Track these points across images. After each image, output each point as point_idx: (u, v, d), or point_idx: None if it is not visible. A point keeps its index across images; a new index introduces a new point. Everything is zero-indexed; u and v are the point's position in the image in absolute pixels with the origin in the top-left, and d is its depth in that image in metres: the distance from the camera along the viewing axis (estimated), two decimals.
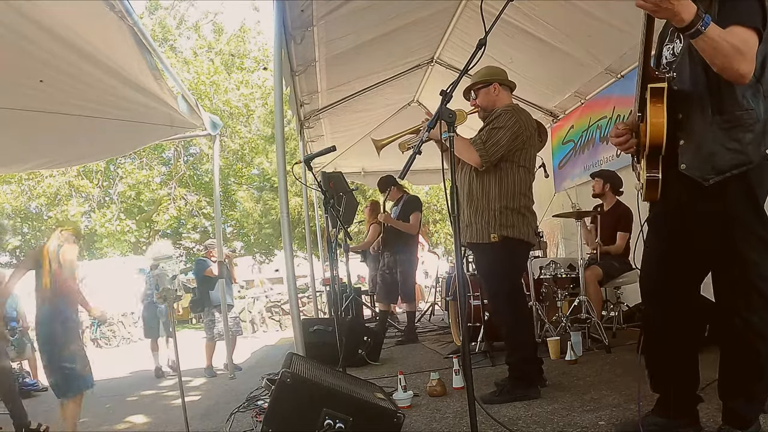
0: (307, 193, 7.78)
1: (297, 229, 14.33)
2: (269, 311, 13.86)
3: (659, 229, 2.13)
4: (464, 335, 2.17)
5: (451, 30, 5.54)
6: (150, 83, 3.82)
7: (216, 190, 5.91)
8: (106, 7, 3.02)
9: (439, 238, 19.02)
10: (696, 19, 1.68)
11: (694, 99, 1.91)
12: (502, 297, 3.23)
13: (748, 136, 1.84)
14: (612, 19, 4.54)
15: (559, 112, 6.99)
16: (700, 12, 1.69)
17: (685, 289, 2.07)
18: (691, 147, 1.90)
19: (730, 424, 1.95)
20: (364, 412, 2.38)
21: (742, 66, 1.73)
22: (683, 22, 1.70)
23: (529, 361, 3.16)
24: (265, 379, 3.74)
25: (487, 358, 4.23)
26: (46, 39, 3.08)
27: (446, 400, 3.28)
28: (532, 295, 4.65)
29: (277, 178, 4.11)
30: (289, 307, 6.62)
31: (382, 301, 6.64)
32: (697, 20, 1.68)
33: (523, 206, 3.18)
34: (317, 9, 4.14)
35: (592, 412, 2.67)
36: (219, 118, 5.44)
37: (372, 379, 3.64)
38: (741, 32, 1.74)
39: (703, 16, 1.69)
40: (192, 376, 6.29)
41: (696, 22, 1.68)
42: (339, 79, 5.86)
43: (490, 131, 3.13)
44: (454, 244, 2.19)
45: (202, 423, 3.69)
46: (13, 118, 3.91)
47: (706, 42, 1.72)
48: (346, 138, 7.56)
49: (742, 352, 1.92)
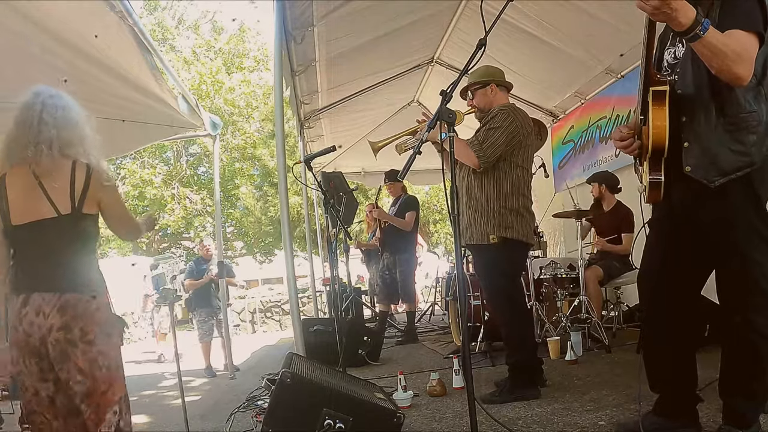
0: (307, 193, 7.79)
1: (297, 229, 14.32)
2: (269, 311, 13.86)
3: (661, 230, 2.14)
4: (464, 335, 2.18)
5: (451, 30, 5.54)
6: (150, 83, 3.83)
7: (216, 190, 5.92)
8: (106, 7, 3.03)
9: (438, 238, 19.02)
10: (694, 24, 1.68)
11: (697, 102, 1.91)
12: (502, 297, 3.23)
13: (752, 137, 1.85)
14: (612, 19, 4.54)
15: (559, 112, 6.99)
16: (699, 17, 1.69)
17: (686, 289, 2.08)
18: (696, 149, 1.91)
19: (731, 424, 1.95)
20: (364, 412, 2.38)
21: (740, 69, 1.74)
22: (682, 27, 1.70)
23: (529, 361, 3.15)
24: (265, 379, 3.74)
25: (487, 358, 4.23)
26: (47, 39, 3.09)
27: (446, 400, 3.28)
28: (532, 295, 4.65)
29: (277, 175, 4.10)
30: (289, 307, 6.62)
31: (383, 302, 6.65)
32: (695, 25, 1.68)
33: (522, 206, 3.18)
34: (317, 9, 4.14)
35: (592, 412, 2.67)
36: (219, 118, 5.44)
37: (372, 379, 3.64)
38: (741, 36, 1.75)
39: (701, 21, 1.69)
40: (192, 376, 6.28)
41: (694, 27, 1.69)
42: (339, 79, 5.86)
43: (486, 132, 3.13)
44: (454, 244, 2.19)
45: (202, 423, 3.69)
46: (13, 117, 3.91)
47: (704, 46, 1.72)
48: (346, 138, 7.56)
49: (743, 351, 1.93)
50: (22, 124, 2.02)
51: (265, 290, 15.90)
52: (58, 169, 1.99)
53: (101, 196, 2.08)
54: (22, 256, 2.01)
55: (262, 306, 13.88)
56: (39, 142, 1.98)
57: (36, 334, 1.93)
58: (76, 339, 1.95)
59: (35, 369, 1.96)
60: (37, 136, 1.99)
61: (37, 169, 1.97)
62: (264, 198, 16.79)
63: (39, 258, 1.98)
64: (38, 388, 1.96)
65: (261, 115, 16.68)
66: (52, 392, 1.98)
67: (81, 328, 1.97)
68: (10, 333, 1.97)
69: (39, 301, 1.93)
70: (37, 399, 1.97)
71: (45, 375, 1.97)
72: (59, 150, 2.01)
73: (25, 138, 2.00)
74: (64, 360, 1.94)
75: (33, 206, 1.97)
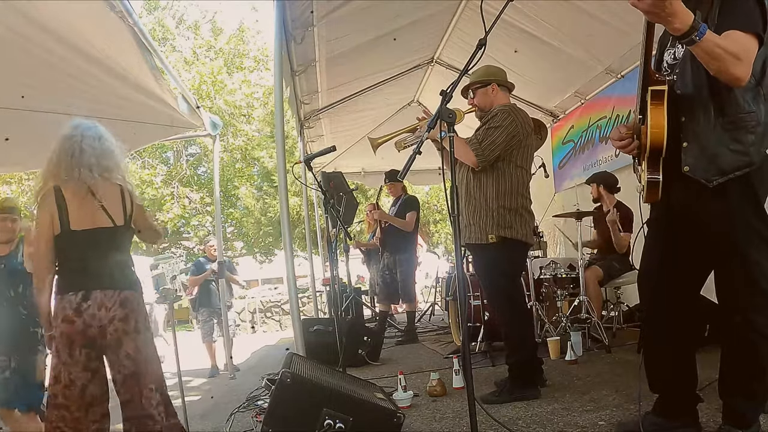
0: (307, 193, 7.79)
1: (297, 229, 14.32)
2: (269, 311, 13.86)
3: (660, 229, 2.14)
4: (464, 335, 2.17)
5: (451, 30, 5.54)
6: (150, 83, 3.83)
7: (216, 190, 5.92)
8: (106, 7, 3.03)
9: (439, 238, 19.02)
10: (690, 31, 1.68)
11: (696, 102, 1.91)
12: (502, 297, 3.23)
13: (751, 137, 1.85)
14: (612, 19, 4.53)
15: (559, 112, 6.99)
16: (696, 23, 1.67)
17: (685, 289, 2.08)
18: (695, 149, 1.91)
19: (731, 424, 1.95)
20: (364, 412, 2.38)
21: (738, 70, 1.73)
22: (678, 32, 1.69)
23: (529, 361, 3.15)
24: (265, 379, 3.74)
25: (487, 358, 4.23)
26: (47, 39, 3.09)
27: (446, 400, 3.28)
28: (532, 295, 4.65)
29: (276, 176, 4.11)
30: (289, 307, 6.62)
31: (383, 302, 6.65)
32: (691, 31, 1.68)
33: (521, 206, 3.17)
34: (317, 9, 4.14)
35: (592, 412, 2.67)
36: (219, 118, 5.45)
37: (372, 379, 3.64)
38: (739, 37, 1.74)
39: (698, 27, 1.67)
40: (192, 376, 6.29)
41: (690, 33, 1.68)
42: (339, 79, 5.86)
43: (486, 131, 3.13)
44: (454, 244, 2.19)
45: (202, 423, 3.69)
46: (13, 117, 3.91)
47: (702, 50, 1.72)
48: (346, 138, 7.56)
49: (743, 351, 1.93)
50: (64, 152, 2.35)
51: (265, 290, 15.90)
52: (106, 188, 2.37)
53: (137, 212, 2.51)
54: (78, 257, 2.30)
55: (262, 306, 13.88)
56: (82, 167, 2.33)
57: (96, 324, 2.24)
58: (131, 329, 2.31)
59: (82, 358, 2.25)
60: (79, 163, 2.32)
61: (91, 187, 2.34)
62: (263, 199, 16.79)
63: (97, 259, 2.31)
64: (75, 378, 2.23)
65: (261, 116, 16.68)
66: (87, 381, 2.26)
67: (135, 320, 2.34)
68: (62, 325, 2.22)
69: (101, 297, 2.25)
70: (69, 391, 2.22)
71: (89, 364, 2.27)
72: (100, 174, 2.36)
73: (68, 164, 2.33)
74: (117, 346, 2.29)
75: (90, 216, 2.32)
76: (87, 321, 2.23)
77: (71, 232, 2.29)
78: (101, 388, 2.34)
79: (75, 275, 2.29)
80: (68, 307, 2.23)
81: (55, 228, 2.29)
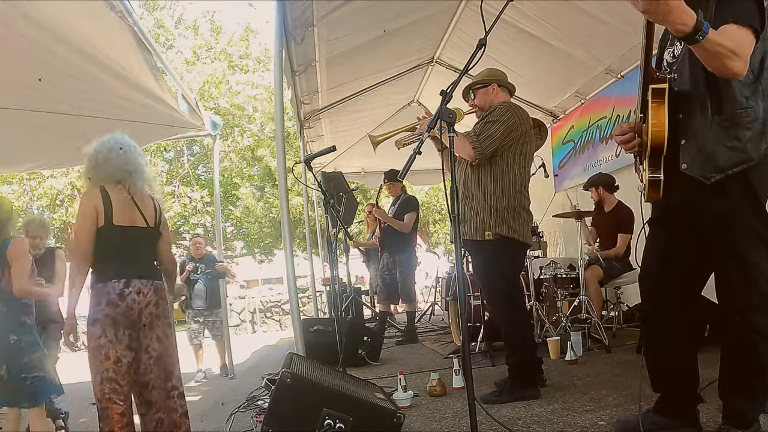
0: (308, 193, 7.79)
1: (297, 229, 14.32)
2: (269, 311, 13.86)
3: (661, 229, 2.14)
4: (464, 335, 2.17)
5: (451, 30, 5.53)
6: (150, 83, 3.83)
7: (216, 189, 5.92)
8: (106, 7, 3.03)
9: (438, 238, 19.01)
10: (693, 32, 1.67)
11: (694, 99, 1.91)
12: (501, 298, 3.22)
13: (748, 134, 1.85)
14: (612, 19, 4.53)
15: (559, 112, 6.99)
16: (698, 23, 1.67)
17: (686, 289, 2.08)
18: (692, 146, 1.91)
19: (731, 424, 1.95)
20: (364, 412, 2.38)
21: (736, 66, 1.73)
22: (680, 33, 1.69)
23: (529, 361, 3.15)
24: (265, 379, 3.74)
25: (487, 358, 4.23)
26: (47, 39, 3.09)
27: (446, 400, 3.28)
28: (532, 295, 4.65)
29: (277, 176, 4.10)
30: (289, 307, 6.61)
31: (382, 302, 6.65)
32: (694, 33, 1.67)
33: (519, 205, 3.17)
34: (317, 9, 4.13)
35: (592, 412, 2.67)
36: (220, 119, 5.44)
37: (372, 379, 3.64)
38: (735, 32, 1.74)
39: (701, 27, 1.67)
40: (190, 377, 6.27)
41: (694, 35, 1.67)
42: (339, 79, 5.85)
43: (484, 124, 3.12)
44: (455, 244, 2.19)
45: (202, 423, 3.68)
46: (13, 117, 3.91)
47: (703, 49, 1.72)
48: (346, 138, 7.56)
49: (743, 351, 1.93)
50: (105, 162, 2.62)
51: (265, 290, 15.90)
52: (142, 197, 2.68)
53: (164, 224, 2.80)
54: (119, 249, 2.57)
55: (262, 306, 13.88)
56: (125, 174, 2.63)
57: (136, 308, 2.52)
58: (161, 314, 2.62)
59: (126, 339, 2.50)
60: (120, 171, 2.62)
61: (131, 193, 2.64)
62: (265, 198, 16.78)
63: (136, 253, 2.62)
64: (121, 356, 2.47)
65: (262, 116, 16.67)
66: (132, 359, 2.51)
67: (164, 307, 2.65)
68: (107, 308, 2.46)
69: (139, 285, 2.54)
70: (117, 367, 2.45)
71: (131, 344, 2.52)
72: (139, 184, 2.68)
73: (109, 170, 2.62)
74: (151, 329, 2.58)
75: (129, 215, 2.61)
76: (129, 304, 2.50)
77: (114, 226, 2.55)
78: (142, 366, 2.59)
79: (118, 264, 2.54)
80: (112, 292, 2.48)
81: (99, 221, 2.54)
